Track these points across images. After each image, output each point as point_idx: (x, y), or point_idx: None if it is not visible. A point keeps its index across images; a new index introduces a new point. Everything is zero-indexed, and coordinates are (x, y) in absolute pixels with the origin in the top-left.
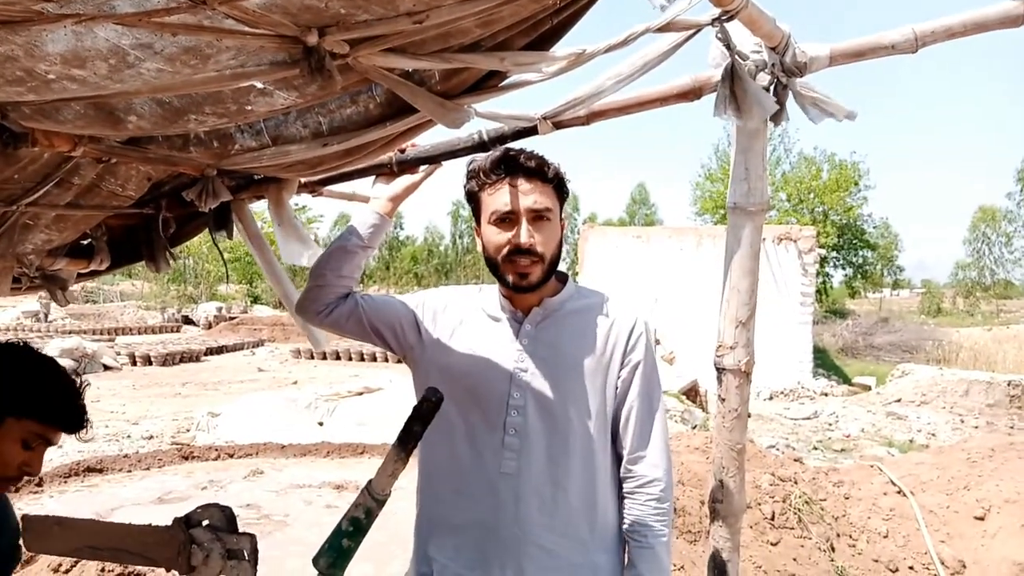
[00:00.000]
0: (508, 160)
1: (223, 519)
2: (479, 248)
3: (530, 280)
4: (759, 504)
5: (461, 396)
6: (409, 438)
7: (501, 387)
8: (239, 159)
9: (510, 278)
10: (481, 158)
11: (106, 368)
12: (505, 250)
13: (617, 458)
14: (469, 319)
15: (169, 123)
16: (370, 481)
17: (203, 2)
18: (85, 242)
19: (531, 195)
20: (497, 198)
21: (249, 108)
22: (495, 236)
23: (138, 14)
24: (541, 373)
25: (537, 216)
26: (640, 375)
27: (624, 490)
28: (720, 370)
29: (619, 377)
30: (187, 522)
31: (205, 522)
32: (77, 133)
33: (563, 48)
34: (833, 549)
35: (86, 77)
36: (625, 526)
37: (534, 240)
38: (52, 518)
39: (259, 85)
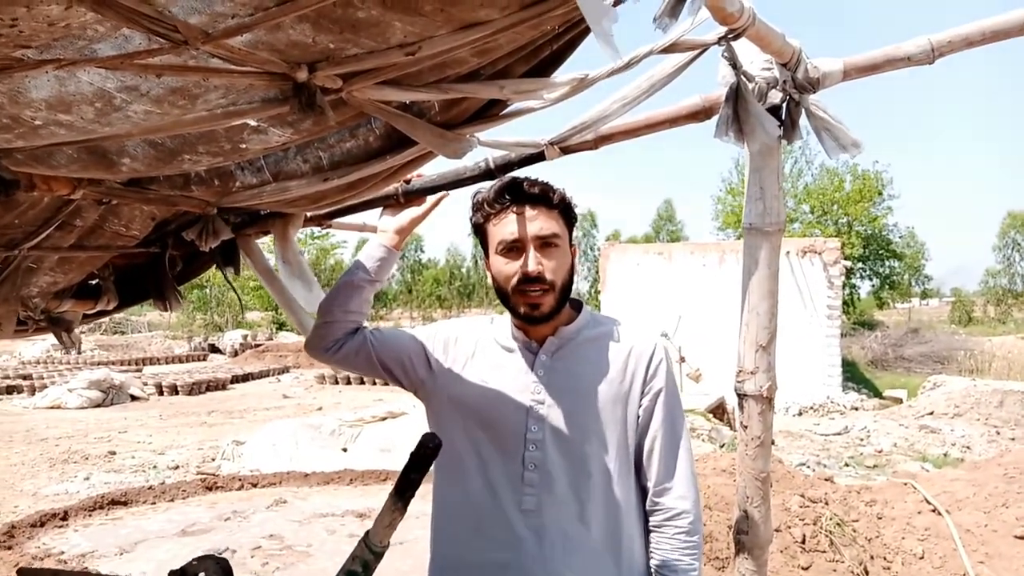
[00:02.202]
0: (511, 188)
1: (219, 571)
2: (489, 281)
3: (542, 310)
4: (789, 527)
5: (476, 431)
6: (407, 486)
7: (518, 420)
8: (240, 196)
9: (521, 309)
10: (485, 189)
11: (133, 398)
12: (514, 280)
13: (641, 490)
14: (481, 351)
15: (163, 164)
16: (367, 532)
17: (185, 42)
18: (93, 282)
19: (537, 221)
20: (503, 227)
21: (243, 146)
22: (503, 266)
23: (120, 57)
24: (559, 405)
25: (544, 243)
26: (662, 403)
27: (651, 524)
28: (741, 396)
29: (640, 406)
30: (183, 575)
31: (201, 575)
32: (72, 177)
33: (564, 74)
34: (867, 572)
35: (73, 122)
36: (653, 562)
37: (543, 267)
38: (50, 571)
39: (252, 123)
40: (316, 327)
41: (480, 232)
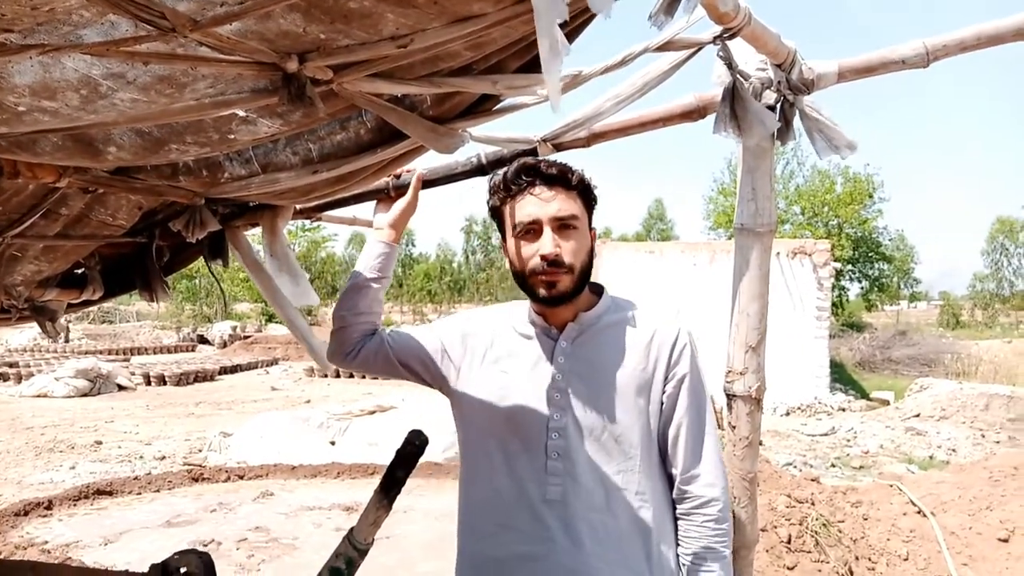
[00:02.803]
0: (528, 169)
1: (201, 566)
2: (507, 265)
3: (559, 289)
4: (775, 527)
5: (498, 423)
6: (392, 484)
7: (539, 409)
8: (228, 187)
9: (540, 291)
10: (502, 171)
11: (121, 388)
12: (531, 262)
13: (667, 478)
14: (500, 340)
15: (150, 153)
16: (352, 529)
17: (173, 30)
18: (78, 272)
19: (554, 203)
20: (519, 209)
21: (232, 137)
22: (520, 249)
23: (106, 43)
24: (580, 392)
25: (562, 224)
26: (687, 389)
27: (679, 511)
28: (730, 396)
29: (664, 392)
30: (164, 569)
31: (183, 569)
32: (57, 164)
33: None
34: (852, 573)
35: (58, 108)
36: (682, 550)
37: (560, 249)
38: (27, 563)
39: (240, 113)
40: (332, 334)
41: (497, 215)
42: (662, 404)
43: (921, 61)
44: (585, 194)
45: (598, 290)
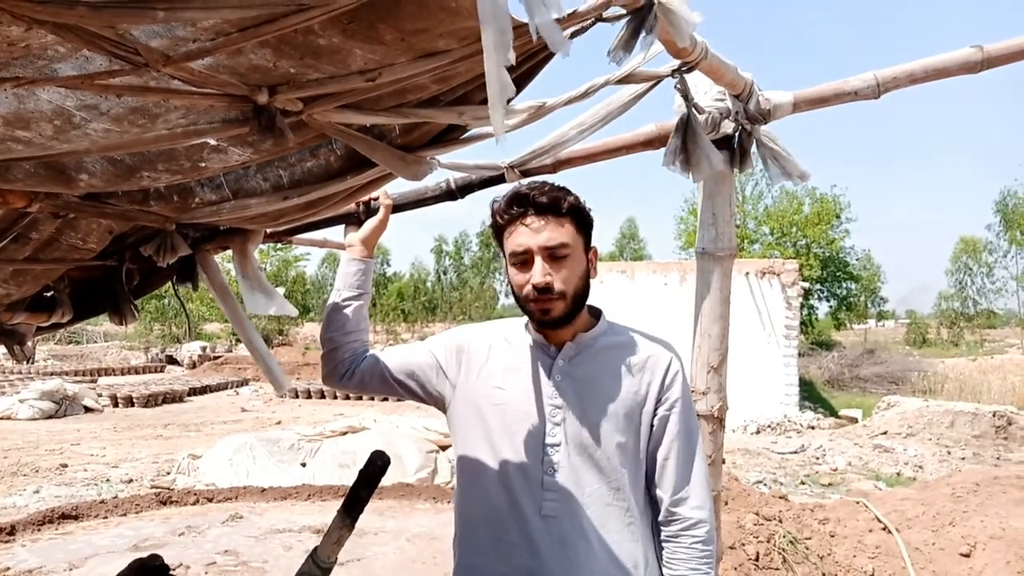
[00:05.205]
0: (520, 199)
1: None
2: (507, 286)
3: (552, 316)
4: (743, 545)
5: (494, 438)
6: (355, 503)
7: (536, 425)
8: (199, 213)
9: (535, 316)
10: (500, 197)
11: (87, 410)
12: (525, 290)
13: (651, 501)
14: (496, 356)
15: (122, 180)
16: (315, 548)
17: (146, 65)
18: (47, 295)
19: (544, 232)
20: (513, 239)
21: (203, 165)
22: (516, 276)
23: (80, 77)
24: (576, 410)
25: (552, 254)
26: (678, 413)
27: (666, 534)
28: None
29: (655, 415)
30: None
31: None
32: (28, 190)
33: (523, 101)
34: None
35: (31, 138)
36: (668, 571)
37: (551, 278)
38: None
39: (212, 142)
40: (323, 357)
41: (498, 240)
42: (652, 427)
43: (872, 93)
44: (578, 218)
45: (596, 313)
